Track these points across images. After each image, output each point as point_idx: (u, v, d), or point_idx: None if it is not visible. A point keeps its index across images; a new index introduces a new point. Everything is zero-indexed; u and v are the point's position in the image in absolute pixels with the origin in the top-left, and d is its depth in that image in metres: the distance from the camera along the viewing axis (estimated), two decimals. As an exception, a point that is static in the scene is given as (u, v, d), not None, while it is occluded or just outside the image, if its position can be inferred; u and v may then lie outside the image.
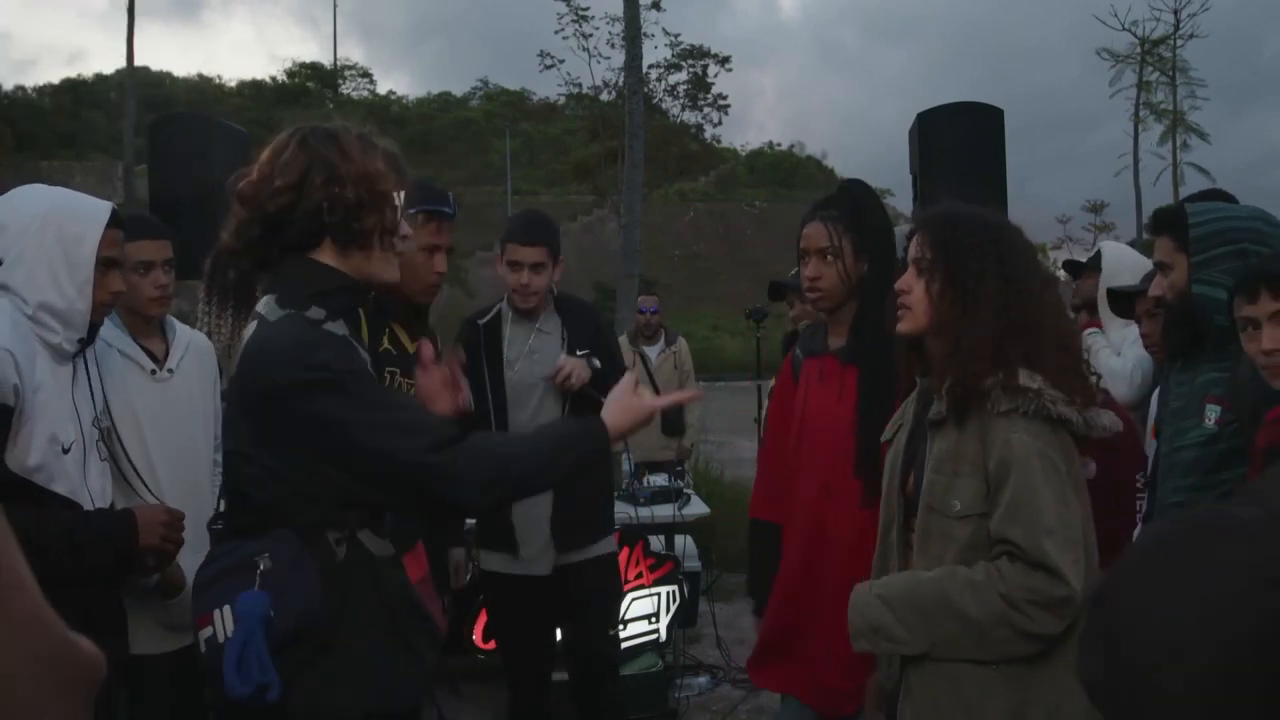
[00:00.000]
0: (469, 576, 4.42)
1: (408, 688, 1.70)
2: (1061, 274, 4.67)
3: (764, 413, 6.20)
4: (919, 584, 1.75)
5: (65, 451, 2.00)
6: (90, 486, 2.07)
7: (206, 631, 1.57)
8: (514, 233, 3.05)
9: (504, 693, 4.28)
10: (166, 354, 2.45)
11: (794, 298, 3.98)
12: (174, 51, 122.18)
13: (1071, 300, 3.94)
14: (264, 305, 1.66)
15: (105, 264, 2.08)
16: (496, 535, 3.12)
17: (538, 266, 3.01)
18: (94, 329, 2.13)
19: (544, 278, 3.04)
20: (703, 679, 4.67)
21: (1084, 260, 4.00)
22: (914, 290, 1.85)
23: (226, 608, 1.55)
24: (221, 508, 1.94)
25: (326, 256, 1.67)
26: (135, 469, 2.27)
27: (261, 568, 1.55)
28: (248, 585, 1.54)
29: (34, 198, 2.08)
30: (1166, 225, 2.27)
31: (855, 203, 2.43)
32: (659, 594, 4.33)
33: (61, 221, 2.04)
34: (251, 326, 1.66)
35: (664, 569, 4.40)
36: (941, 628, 1.69)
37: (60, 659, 0.68)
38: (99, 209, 2.11)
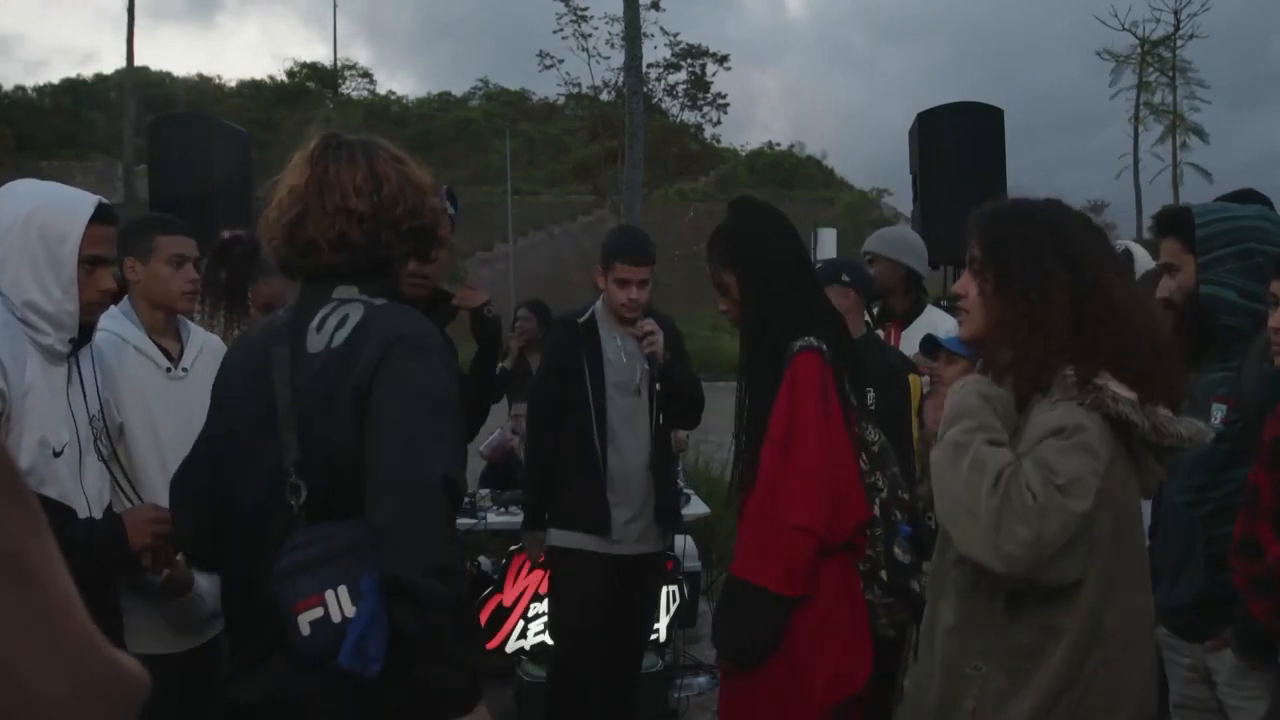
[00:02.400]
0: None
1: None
2: None
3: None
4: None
5: (57, 455, 1.96)
6: (86, 489, 2.03)
7: (315, 613, 1.55)
8: (621, 252, 3.29)
9: (505, 692, 4.28)
10: (181, 353, 2.43)
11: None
12: (184, 52, 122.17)
13: None
14: (346, 291, 1.72)
15: (92, 262, 2.02)
16: (582, 512, 3.25)
17: (644, 283, 3.28)
18: (88, 329, 2.08)
19: (648, 291, 3.31)
20: (703, 679, 4.64)
21: None
22: (969, 294, 1.77)
23: (343, 588, 1.54)
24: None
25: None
26: (138, 470, 2.24)
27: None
28: (363, 566, 1.53)
29: (20, 195, 2.02)
30: (1172, 227, 2.27)
31: (727, 230, 2.56)
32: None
33: (44, 219, 1.97)
34: (347, 309, 1.68)
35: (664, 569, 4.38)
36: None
37: (109, 685, 0.67)
38: (82, 205, 2.03)
